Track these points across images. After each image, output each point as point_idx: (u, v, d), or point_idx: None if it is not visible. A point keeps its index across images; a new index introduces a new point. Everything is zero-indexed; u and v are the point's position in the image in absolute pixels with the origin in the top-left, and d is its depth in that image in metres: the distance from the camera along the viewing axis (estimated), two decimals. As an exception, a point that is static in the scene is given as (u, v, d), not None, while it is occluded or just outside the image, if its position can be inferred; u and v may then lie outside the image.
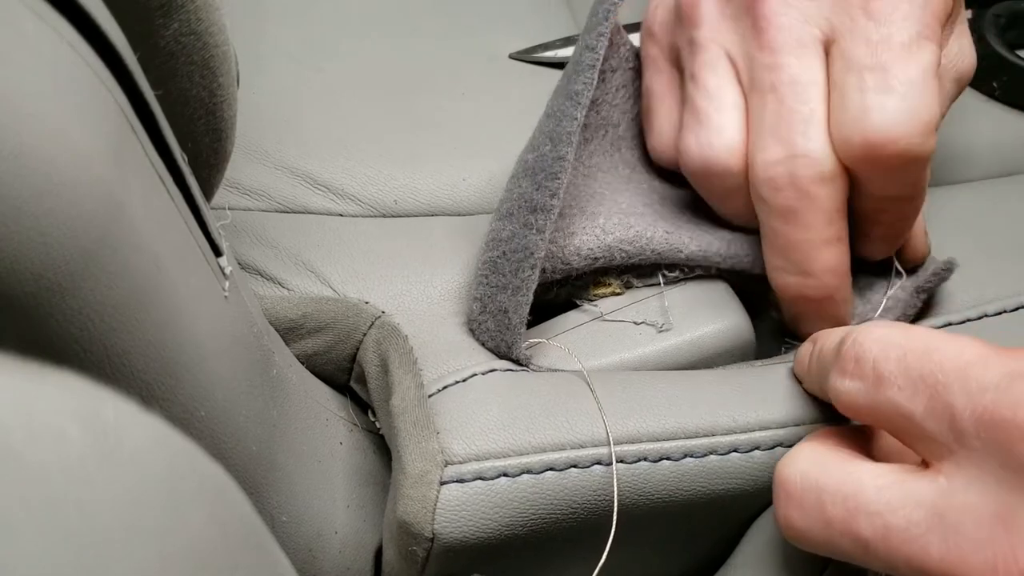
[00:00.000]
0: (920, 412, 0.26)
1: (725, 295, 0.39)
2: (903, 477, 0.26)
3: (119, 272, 0.21)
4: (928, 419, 0.26)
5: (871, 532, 0.26)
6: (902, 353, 0.27)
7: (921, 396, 0.26)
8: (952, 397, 0.25)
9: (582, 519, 0.33)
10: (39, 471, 0.12)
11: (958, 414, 0.25)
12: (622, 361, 0.37)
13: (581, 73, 0.35)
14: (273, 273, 0.40)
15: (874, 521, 0.26)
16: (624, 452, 0.33)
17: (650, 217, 0.39)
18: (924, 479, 0.26)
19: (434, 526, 0.32)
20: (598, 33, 0.36)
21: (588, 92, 0.35)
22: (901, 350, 0.27)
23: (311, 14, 0.50)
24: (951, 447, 0.25)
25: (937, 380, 0.26)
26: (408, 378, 0.35)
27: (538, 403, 0.34)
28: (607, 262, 0.38)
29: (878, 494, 0.26)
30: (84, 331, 0.21)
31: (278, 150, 0.44)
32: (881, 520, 0.26)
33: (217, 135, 0.31)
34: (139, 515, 0.14)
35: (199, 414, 0.26)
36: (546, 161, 0.35)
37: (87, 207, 0.20)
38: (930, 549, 0.25)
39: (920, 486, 0.25)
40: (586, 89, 0.35)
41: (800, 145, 0.36)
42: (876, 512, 0.26)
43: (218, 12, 0.28)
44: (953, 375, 0.25)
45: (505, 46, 0.50)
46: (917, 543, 0.25)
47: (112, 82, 0.22)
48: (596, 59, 0.35)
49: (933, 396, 0.26)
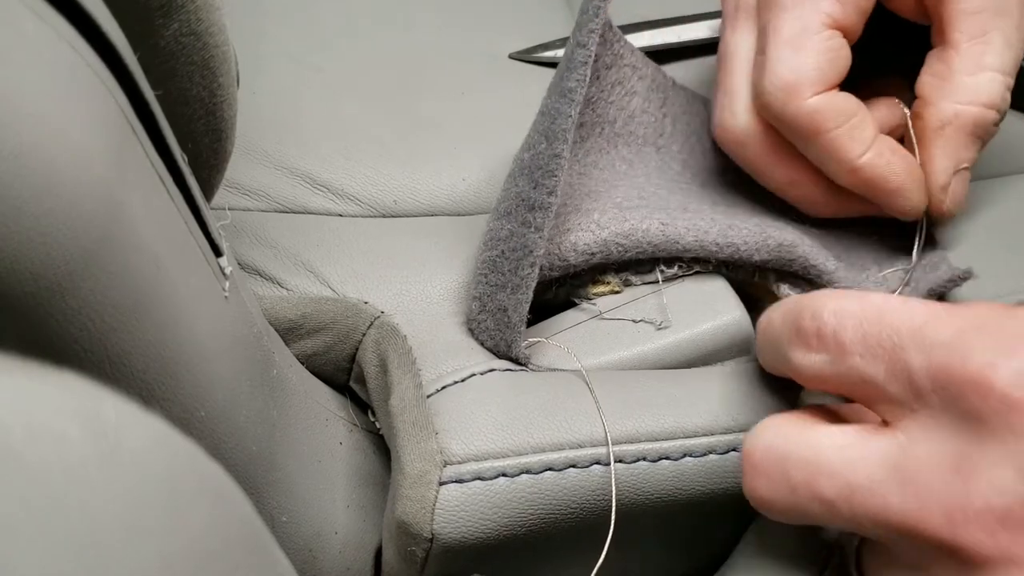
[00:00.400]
0: (882, 376, 0.27)
1: (723, 291, 0.39)
2: (863, 437, 0.27)
3: (119, 272, 0.21)
4: (889, 382, 0.26)
5: (834, 492, 0.27)
6: (858, 322, 0.28)
7: (880, 361, 0.27)
8: (909, 357, 0.26)
9: (581, 519, 0.33)
10: (39, 471, 0.12)
11: (915, 373, 0.26)
12: (621, 359, 0.37)
13: (574, 70, 0.35)
14: (273, 273, 0.40)
15: (836, 481, 0.27)
16: (623, 452, 0.33)
17: (645, 209, 0.39)
18: (884, 437, 0.26)
19: (433, 526, 0.32)
20: (588, 30, 0.36)
21: (581, 89, 0.35)
22: (857, 319, 0.28)
23: (311, 14, 0.50)
24: (912, 406, 0.26)
25: (894, 344, 0.27)
26: (407, 378, 0.35)
27: (537, 403, 0.34)
28: (604, 258, 0.38)
29: (839, 454, 0.27)
30: (84, 331, 0.21)
31: (278, 150, 0.44)
32: (843, 479, 0.26)
33: (217, 135, 0.31)
34: (139, 515, 0.14)
35: (199, 414, 0.26)
36: (542, 159, 0.35)
37: (87, 207, 0.20)
38: (890, 501, 0.25)
39: (880, 444, 0.26)
40: (579, 86, 0.35)
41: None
42: (837, 472, 0.27)
43: (218, 12, 0.28)
44: (908, 337, 0.26)
45: (505, 46, 0.50)
46: (878, 498, 0.26)
47: (112, 82, 0.22)
48: (588, 56, 0.35)
49: (891, 359, 0.26)
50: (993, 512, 0.24)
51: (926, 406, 0.26)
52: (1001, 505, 0.24)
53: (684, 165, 0.45)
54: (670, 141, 0.45)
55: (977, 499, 0.24)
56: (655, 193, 0.41)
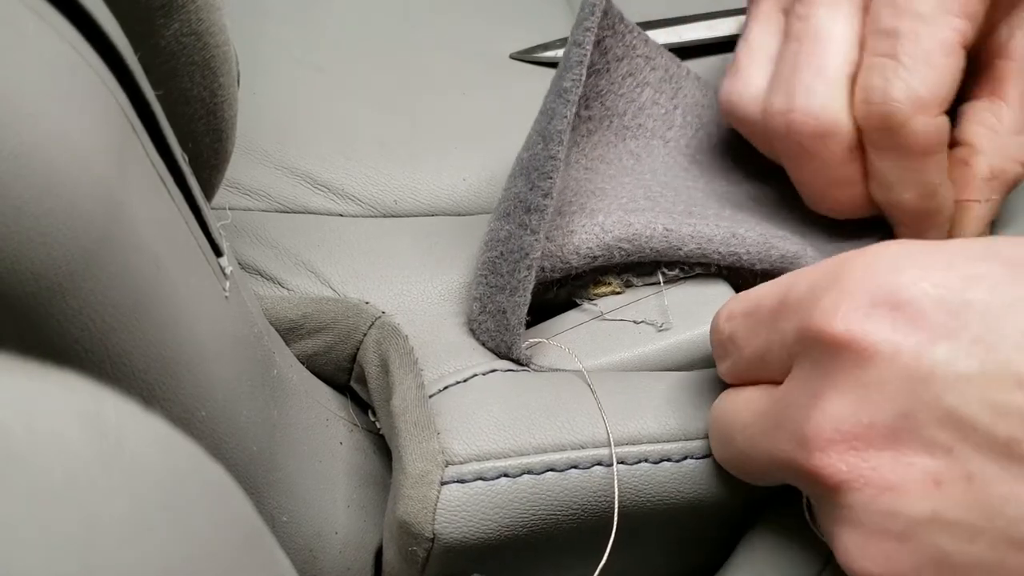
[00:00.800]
0: (768, 351, 0.30)
1: (725, 294, 0.39)
2: (760, 394, 0.30)
3: (120, 272, 0.21)
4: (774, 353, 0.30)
5: (745, 444, 0.30)
6: (743, 318, 0.31)
7: (763, 339, 0.30)
8: (782, 325, 0.29)
9: (583, 520, 0.33)
10: (40, 471, 0.12)
11: (787, 337, 0.29)
12: (622, 360, 0.37)
13: (569, 70, 0.35)
14: (273, 273, 0.40)
15: (745, 434, 0.30)
16: (625, 453, 0.33)
17: (650, 213, 0.39)
18: (773, 391, 0.30)
19: (434, 526, 0.32)
20: (584, 28, 0.36)
21: (577, 89, 0.35)
22: (742, 316, 0.31)
23: (311, 14, 0.50)
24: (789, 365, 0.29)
25: (770, 320, 0.30)
26: (409, 378, 0.35)
27: (539, 403, 0.34)
28: (606, 260, 0.38)
29: (744, 409, 0.31)
30: (85, 331, 0.21)
31: (278, 150, 0.44)
32: (747, 433, 0.30)
33: (218, 135, 0.31)
34: (140, 515, 0.14)
35: (200, 414, 0.26)
36: (538, 160, 0.35)
37: (88, 207, 0.20)
38: (769, 444, 0.29)
39: (770, 397, 0.30)
40: (574, 86, 0.35)
41: (800, 100, 0.38)
42: (745, 426, 0.30)
43: (219, 12, 0.28)
44: (780, 307, 0.29)
45: (505, 46, 0.50)
46: (763, 442, 0.29)
47: (113, 82, 0.22)
48: (583, 55, 0.35)
49: (770, 333, 0.30)
50: (841, 436, 0.26)
51: (798, 361, 0.28)
52: (847, 429, 0.26)
53: (692, 160, 0.44)
54: (679, 134, 0.45)
55: (825, 426, 0.26)
56: (661, 193, 0.41)
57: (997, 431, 0.24)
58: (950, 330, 0.25)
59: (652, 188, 0.41)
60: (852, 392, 0.26)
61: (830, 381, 0.27)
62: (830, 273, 0.28)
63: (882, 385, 0.26)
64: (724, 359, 0.32)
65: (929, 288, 0.26)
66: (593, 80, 0.42)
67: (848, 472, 0.26)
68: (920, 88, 0.36)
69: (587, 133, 0.42)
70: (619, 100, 0.43)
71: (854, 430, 0.26)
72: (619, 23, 0.42)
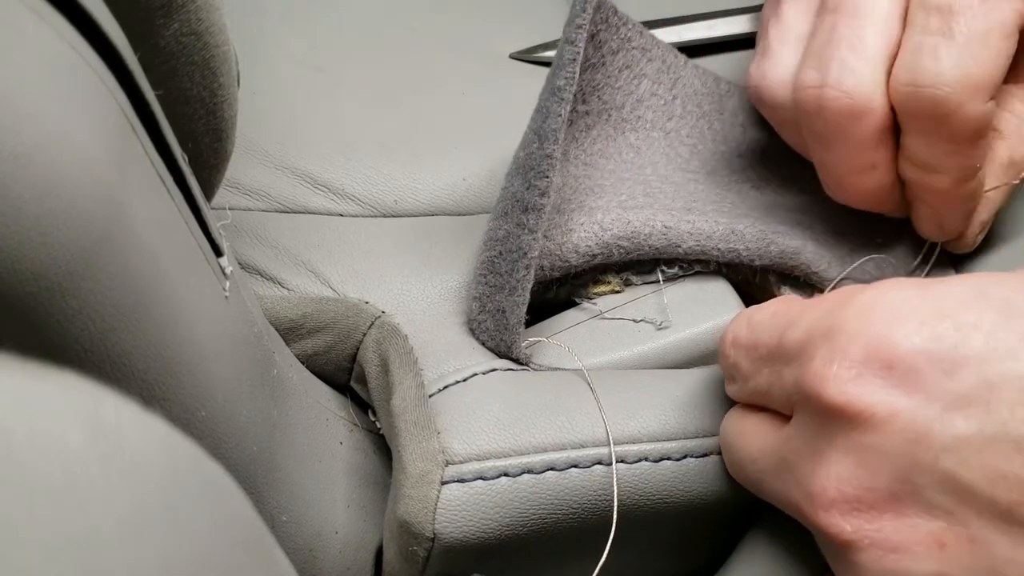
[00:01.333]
0: (770, 389, 0.30)
1: (724, 292, 0.39)
2: (768, 427, 0.30)
3: (120, 272, 0.21)
4: (775, 393, 0.29)
5: (755, 476, 0.31)
6: (747, 348, 0.31)
7: (765, 377, 0.30)
8: (780, 369, 0.29)
9: (583, 519, 0.33)
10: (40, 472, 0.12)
11: (786, 383, 0.29)
12: (622, 359, 0.37)
13: (563, 68, 0.35)
14: (273, 273, 0.40)
15: (753, 467, 0.31)
16: (625, 452, 0.33)
17: (649, 210, 0.39)
18: (780, 430, 0.30)
19: (435, 526, 0.32)
20: (576, 25, 0.36)
21: (571, 87, 0.35)
22: (745, 346, 0.31)
23: (311, 14, 0.50)
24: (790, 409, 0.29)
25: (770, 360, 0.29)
26: (408, 378, 0.35)
27: (539, 403, 0.34)
28: (605, 259, 0.38)
29: (752, 442, 0.31)
30: (85, 331, 0.21)
31: (278, 150, 0.44)
32: (756, 466, 0.30)
33: (217, 135, 0.31)
34: (139, 515, 0.14)
35: (200, 414, 0.26)
36: (534, 159, 0.35)
37: (88, 207, 0.20)
38: (778, 487, 0.29)
39: (777, 436, 0.30)
40: (568, 84, 0.35)
41: (834, 75, 0.35)
42: (750, 458, 0.31)
43: (218, 12, 0.28)
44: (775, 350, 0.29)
45: (505, 46, 0.50)
46: (773, 482, 0.29)
47: (113, 82, 0.22)
48: (576, 52, 0.35)
49: (771, 373, 0.29)
50: (844, 499, 0.26)
51: (798, 410, 0.28)
52: (850, 493, 0.26)
53: (692, 151, 0.44)
54: (679, 124, 0.44)
55: (830, 488, 0.26)
56: (660, 189, 0.41)
57: (997, 496, 0.24)
58: (946, 390, 0.25)
59: (652, 183, 0.41)
60: (851, 454, 0.26)
61: (828, 440, 0.27)
62: (823, 321, 0.28)
63: (880, 448, 0.26)
64: (732, 382, 0.32)
65: (923, 344, 0.25)
66: (589, 75, 0.42)
67: (853, 533, 0.26)
68: (975, 71, 0.33)
69: (585, 128, 0.42)
70: (616, 93, 0.43)
71: (856, 492, 0.26)
72: (613, 16, 0.42)
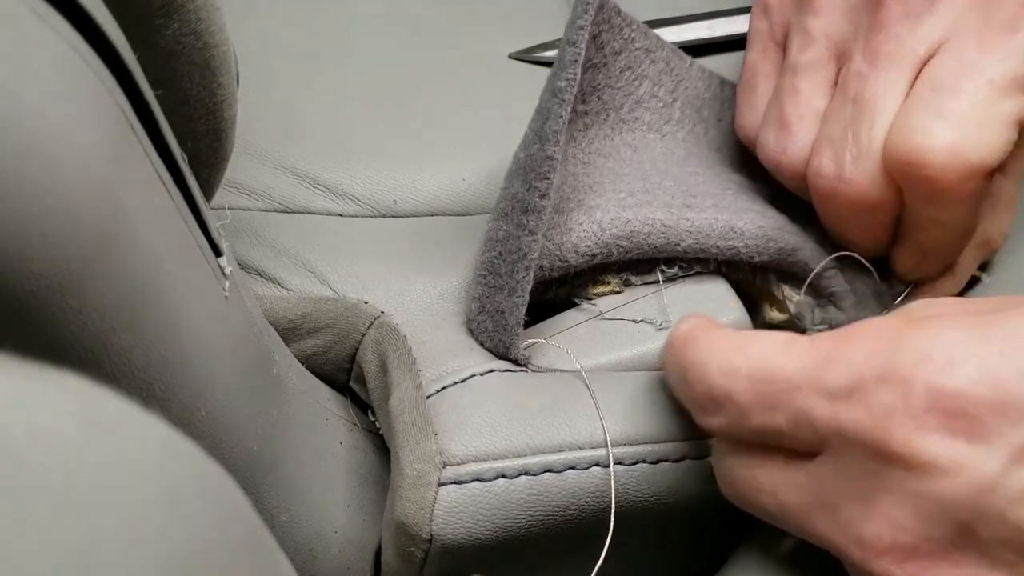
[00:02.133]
0: (787, 427, 0.28)
1: (724, 292, 0.39)
2: (789, 462, 0.29)
3: (119, 272, 0.21)
4: (795, 431, 0.28)
5: (773, 509, 0.29)
6: (749, 381, 0.29)
7: (781, 414, 0.28)
8: (810, 407, 0.27)
9: (580, 521, 0.33)
10: (39, 471, 0.12)
11: (818, 422, 0.27)
12: (621, 359, 0.37)
13: (564, 69, 0.35)
14: (273, 273, 0.40)
15: (772, 499, 0.29)
16: (622, 454, 0.33)
17: (648, 208, 0.39)
18: (806, 465, 0.28)
19: (432, 527, 0.32)
20: (577, 27, 0.36)
21: (572, 88, 0.35)
22: (747, 378, 0.29)
23: (311, 14, 0.50)
24: (820, 446, 0.28)
25: (791, 396, 0.28)
26: (406, 379, 0.35)
27: (536, 404, 0.34)
28: (605, 258, 0.38)
29: (770, 477, 0.29)
30: (84, 331, 0.21)
31: (278, 150, 0.44)
32: (777, 499, 0.29)
33: (217, 135, 0.31)
34: (139, 515, 0.14)
35: (199, 414, 0.26)
36: (535, 160, 0.35)
37: (88, 207, 0.20)
38: (815, 524, 0.28)
39: (803, 471, 0.28)
40: (569, 85, 0.35)
41: (849, 170, 0.36)
42: (770, 492, 0.29)
43: (218, 12, 0.28)
44: (803, 384, 0.27)
45: (505, 46, 0.50)
46: (806, 519, 0.28)
47: (112, 82, 0.22)
48: (577, 53, 0.35)
49: (792, 411, 0.28)
50: (899, 547, 0.26)
51: (835, 448, 0.27)
52: (907, 542, 0.25)
53: (688, 152, 0.44)
54: (676, 128, 0.44)
55: (885, 535, 0.26)
56: (659, 184, 0.40)
57: None
58: (1011, 441, 0.24)
59: (651, 179, 0.41)
60: (909, 502, 0.25)
61: (882, 486, 0.26)
62: (873, 362, 0.26)
63: (942, 499, 0.25)
64: (715, 415, 0.30)
65: (986, 392, 0.25)
66: (590, 75, 0.42)
67: None
68: (971, 153, 0.34)
69: (584, 128, 0.42)
70: (616, 94, 0.43)
71: (914, 542, 0.25)
72: (616, 16, 0.42)
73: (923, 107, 0.34)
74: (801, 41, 0.39)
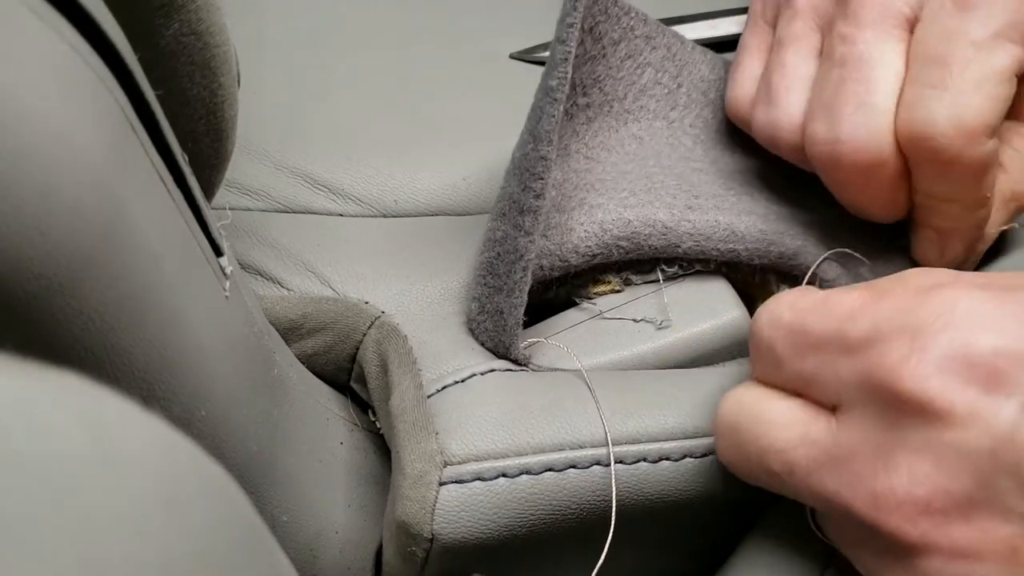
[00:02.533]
0: (816, 379, 0.29)
1: (724, 291, 0.39)
2: (807, 418, 0.29)
3: (120, 272, 0.21)
4: (824, 384, 0.28)
5: (779, 467, 0.29)
6: (787, 331, 0.30)
7: (811, 366, 0.29)
8: (835, 361, 0.28)
9: (581, 520, 0.33)
10: (39, 472, 0.12)
11: (842, 376, 0.28)
12: (621, 359, 0.37)
13: (555, 68, 0.35)
14: (273, 273, 0.40)
15: (781, 458, 0.29)
16: (623, 452, 0.33)
17: (650, 207, 0.39)
18: (824, 421, 0.28)
19: (433, 527, 0.32)
20: (567, 24, 0.36)
21: (564, 87, 0.35)
22: (786, 328, 0.30)
23: (311, 13, 0.50)
24: (844, 400, 0.28)
25: (819, 349, 0.28)
26: (407, 379, 0.35)
27: (537, 403, 0.34)
28: (605, 259, 0.38)
29: (784, 432, 0.29)
30: (85, 331, 0.21)
31: (278, 150, 0.44)
32: (787, 457, 0.29)
33: (218, 135, 0.31)
34: (139, 516, 0.14)
35: (200, 414, 0.26)
36: (530, 160, 0.35)
37: (88, 207, 0.20)
38: (826, 482, 0.28)
39: (820, 428, 0.28)
40: (560, 84, 0.35)
41: (846, 130, 0.36)
42: (781, 450, 0.29)
43: (219, 12, 0.28)
44: (830, 339, 0.28)
45: (505, 46, 0.50)
46: (816, 477, 0.28)
47: (112, 82, 0.22)
48: (567, 51, 0.35)
49: (820, 363, 0.28)
50: (914, 501, 0.25)
51: (856, 402, 0.27)
52: (921, 495, 0.25)
53: (696, 140, 0.44)
54: (683, 113, 0.44)
55: (899, 488, 0.26)
56: (662, 182, 0.40)
57: None
58: None
59: (654, 176, 0.41)
60: (926, 454, 0.25)
61: (901, 439, 0.26)
62: (897, 317, 0.27)
63: (959, 449, 0.25)
64: (758, 361, 0.31)
65: (1005, 344, 0.25)
66: (590, 67, 0.41)
67: (920, 537, 0.25)
68: (969, 118, 0.34)
69: (586, 121, 0.42)
70: (618, 84, 0.42)
71: (928, 496, 0.25)
72: (613, 6, 0.41)
73: (917, 83, 0.35)
74: (788, 15, 0.40)
